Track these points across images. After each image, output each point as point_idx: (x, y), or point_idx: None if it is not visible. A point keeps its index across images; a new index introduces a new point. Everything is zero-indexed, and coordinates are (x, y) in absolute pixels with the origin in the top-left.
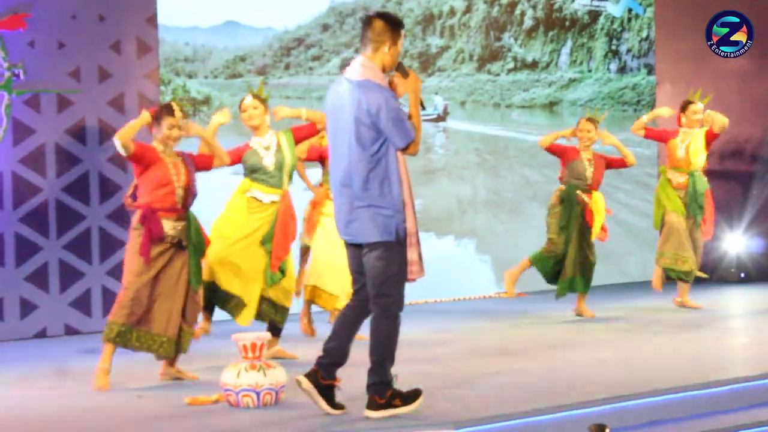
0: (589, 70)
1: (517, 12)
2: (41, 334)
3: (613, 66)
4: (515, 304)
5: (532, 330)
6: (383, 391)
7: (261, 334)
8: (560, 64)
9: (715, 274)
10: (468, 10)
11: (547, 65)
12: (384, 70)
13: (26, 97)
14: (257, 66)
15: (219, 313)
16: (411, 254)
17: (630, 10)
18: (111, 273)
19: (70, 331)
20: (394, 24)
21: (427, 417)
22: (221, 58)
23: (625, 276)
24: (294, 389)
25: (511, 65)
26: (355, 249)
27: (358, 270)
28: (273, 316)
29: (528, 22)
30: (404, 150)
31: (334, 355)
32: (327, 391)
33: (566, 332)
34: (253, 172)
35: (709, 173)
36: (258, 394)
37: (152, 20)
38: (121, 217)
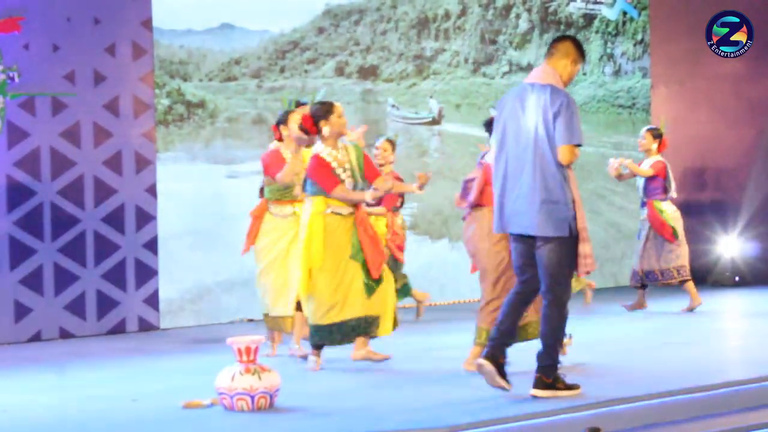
0: (584, 73)
1: (512, 15)
2: (36, 338)
3: (608, 69)
4: None
5: None
6: (551, 373)
7: (255, 337)
8: None
9: (710, 277)
10: (463, 13)
11: None
12: (562, 79)
13: (21, 100)
14: (252, 69)
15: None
16: (584, 248)
17: (624, 13)
18: (105, 276)
19: (65, 334)
20: (581, 50)
21: (423, 419)
22: (216, 61)
23: (619, 280)
24: (288, 393)
25: (506, 68)
26: (525, 241)
27: (526, 262)
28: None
29: (523, 26)
30: (565, 148)
31: (507, 335)
32: (502, 369)
33: None
34: None
35: (704, 176)
36: (252, 397)
37: (147, 23)
38: (115, 220)
